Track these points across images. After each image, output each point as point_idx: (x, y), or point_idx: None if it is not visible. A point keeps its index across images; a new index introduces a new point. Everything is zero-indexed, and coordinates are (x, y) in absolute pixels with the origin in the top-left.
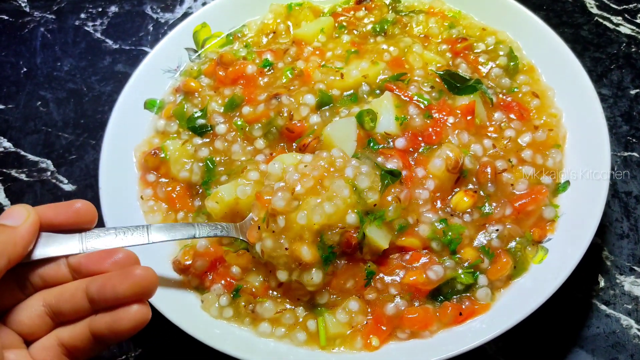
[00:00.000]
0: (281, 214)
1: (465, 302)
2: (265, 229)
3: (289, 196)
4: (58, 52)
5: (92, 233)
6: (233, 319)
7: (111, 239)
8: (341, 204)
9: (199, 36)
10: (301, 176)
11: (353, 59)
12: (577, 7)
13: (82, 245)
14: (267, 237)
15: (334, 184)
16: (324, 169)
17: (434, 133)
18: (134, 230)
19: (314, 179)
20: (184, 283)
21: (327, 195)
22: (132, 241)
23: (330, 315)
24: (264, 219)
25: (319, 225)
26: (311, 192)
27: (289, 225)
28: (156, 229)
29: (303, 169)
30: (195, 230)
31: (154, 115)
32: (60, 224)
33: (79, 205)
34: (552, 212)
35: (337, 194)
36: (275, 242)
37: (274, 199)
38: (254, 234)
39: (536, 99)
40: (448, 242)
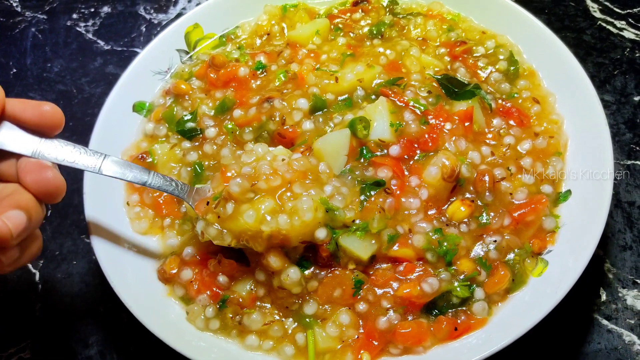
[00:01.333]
0: (232, 201)
1: (461, 317)
2: (212, 209)
3: (247, 186)
4: (48, 53)
5: (52, 142)
6: (219, 331)
7: (66, 151)
8: (298, 224)
9: (191, 37)
10: (272, 171)
11: (348, 62)
12: (579, 11)
13: (36, 148)
14: (210, 222)
15: (300, 201)
16: (300, 174)
17: (430, 140)
18: (91, 155)
19: (283, 179)
20: (168, 293)
21: (290, 208)
22: (83, 162)
23: (320, 328)
24: (215, 197)
25: (267, 234)
26: (272, 193)
27: (235, 216)
28: (111, 162)
29: (278, 164)
30: (148, 178)
31: (143, 118)
32: (25, 121)
33: (47, 108)
34: (553, 222)
35: (300, 211)
36: (218, 234)
37: (231, 182)
38: (201, 207)
39: (537, 104)
40: (444, 253)
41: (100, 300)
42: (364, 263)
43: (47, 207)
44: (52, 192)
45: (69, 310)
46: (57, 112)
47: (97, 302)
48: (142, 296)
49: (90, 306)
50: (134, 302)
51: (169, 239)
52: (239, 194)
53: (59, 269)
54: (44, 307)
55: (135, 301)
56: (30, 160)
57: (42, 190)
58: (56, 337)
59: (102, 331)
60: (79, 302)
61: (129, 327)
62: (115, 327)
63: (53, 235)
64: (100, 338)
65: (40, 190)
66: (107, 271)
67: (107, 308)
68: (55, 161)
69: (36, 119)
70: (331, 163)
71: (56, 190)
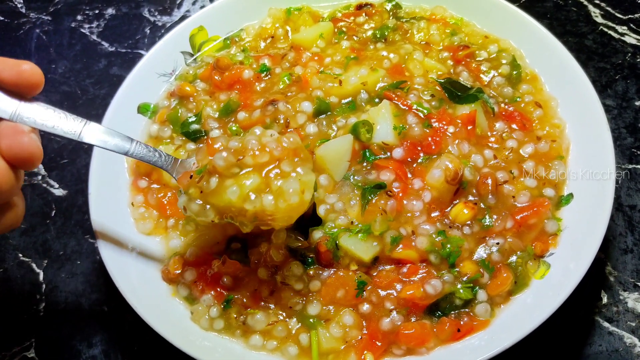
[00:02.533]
0: (216, 175)
1: (464, 318)
2: (194, 183)
3: (233, 161)
4: (53, 54)
5: (32, 105)
6: (224, 331)
7: (46, 115)
8: (283, 206)
9: (196, 40)
10: (260, 147)
11: (352, 66)
12: (581, 16)
13: (15, 110)
14: (193, 197)
15: (287, 182)
16: (289, 151)
17: (434, 143)
18: (73, 120)
19: (271, 156)
20: (173, 293)
21: (277, 188)
22: (63, 127)
23: (324, 329)
24: (199, 171)
25: (251, 213)
26: (259, 169)
27: (218, 191)
28: (93, 128)
29: (267, 139)
30: (130, 147)
31: (148, 120)
32: (3, 80)
33: (26, 67)
34: (555, 225)
35: (285, 194)
36: (201, 210)
37: (216, 155)
38: (184, 180)
39: (539, 109)
40: (447, 255)
41: (105, 300)
42: (366, 264)
43: (51, 207)
44: (26, 159)
45: (73, 310)
46: (36, 71)
47: (101, 302)
48: (147, 296)
49: (95, 306)
50: (138, 302)
51: (172, 239)
52: (224, 168)
53: (63, 269)
54: (48, 306)
55: (139, 301)
56: (7, 124)
57: (16, 156)
58: (60, 337)
59: (106, 331)
60: (83, 302)
61: (133, 326)
62: (119, 327)
63: (57, 235)
64: (105, 338)
65: (14, 156)
66: (112, 271)
67: (111, 308)
68: (34, 125)
69: (14, 78)
70: (333, 169)
71: (30, 156)
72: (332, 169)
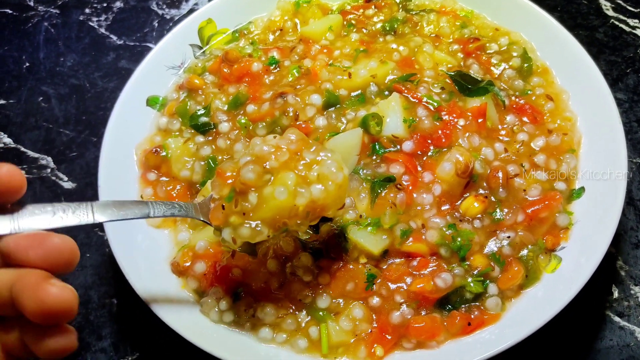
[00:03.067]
0: (252, 189)
1: (475, 312)
2: (232, 210)
3: (260, 169)
4: (61, 47)
5: (25, 210)
6: (233, 323)
7: (48, 217)
8: (332, 188)
9: (204, 32)
10: (274, 148)
11: (361, 58)
12: (592, 9)
13: (14, 224)
14: (238, 224)
15: (325, 165)
16: (301, 142)
17: (444, 136)
18: (75, 208)
19: (289, 151)
20: (182, 286)
21: (316, 176)
22: (74, 220)
23: (334, 322)
24: (228, 198)
25: (303, 208)
26: (287, 167)
27: (263, 202)
28: (102, 207)
29: (274, 141)
30: (149, 209)
31: (157, 113)
32: None
33: (3, 171)
34: (566, 219)
35: (330, 175)
36: (253, 231)
37: (243, 171)
38: (217, 215)
39: (550, 102)
40: (457, 248)
41: (114, 292)
42: (376, 257)
43: (60, 200)
44: (68, 259)
45: (82, 303)
46: (16, 173)
47: (111, 295)
48: (156, 289)
49: (104, 298)
50: (148, 294)
51: (181, 232)
52: (256, 180)
53: None
54: None
55: (149, 293)
56: (19, 235)
57: (56, 261)
58: None
59: (116, 323)
60: (92, 294)
61: (142, 319)
62: (128, 320)
63: (66, 228)
64: (114, 330)
65: (53, 262)
66: (122, 264)
67: (120, 300)
68: None
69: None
70: None
71: (71, 254)
72: None
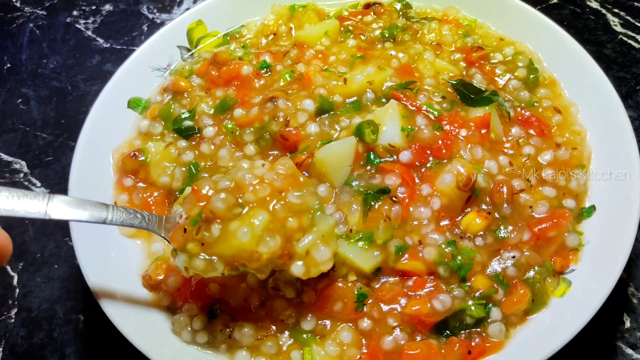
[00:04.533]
0: (218, 220)
1: (475, 339)
2: (192, 236)
3: (233, 200)
4: (45, 49)
5: None
6: (207, 345)
7: (1, 200)
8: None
9: (193, 34)
10: (257, 179)
11: (358, 65)
12: (599, 25)
13: None
14: (193, 253)
15: (317, 250)
16: (288, 179)
17: (444, 146)
18: (32, 198)
19: (272, 187)
20: (154, 302)
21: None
22: (25, 208)
23: (319, 346)
24: (193, 222)
25: (268, 255)
26: (263, 205)
27: (224, 238)
28: (60, 202)
29: (260, 171)
30: (107, 214)
31: (138, 115)
32: None
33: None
34: (576, 239)
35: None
36: (207, 265)
37: (213, 198)
38: (177, 237)
39: (558, 114)
40: (457, 267)
41: (81, 308)
42: (367, 275)
43: None
44: None
45: (46, 318)
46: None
47: (78, 310)
48: (125, 304)
49: (70, 314)
50: (115, 310)
51: (155, 242)
52: (225, 211)
53: (39, 273)
54: (20, 312)
55: (117, 309)
56: None
57: None
58: (31, 346)
59: (81, 341)
60: (58, 309)
61: (111, 338)
62: (95, 338)
63: (35, 237)
64: (79, 349)
65: None
66: (88, 276)
67: (87, 317)
68: None
69: None
70: (333, 174)
71: (3, 250)
72: (332, 173)
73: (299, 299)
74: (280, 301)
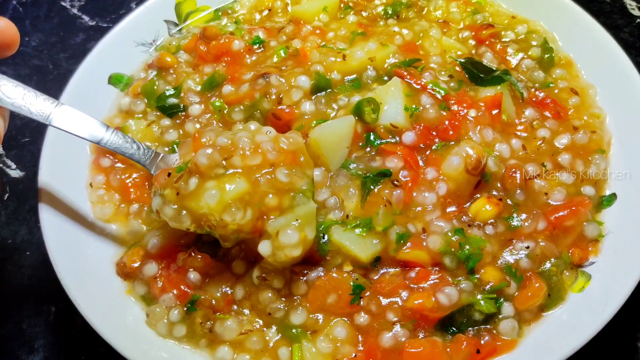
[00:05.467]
0: (197, 175)
1: (485, 337)
2: (171, 182)
3: (218, 159)
4: (28, 27)
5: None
6: (185, 339)
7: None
8: (282, 258)
9: (182, 8)
10: (253, 145)
11: (359, 41)
12: (616, 8)
13: None
14: (168, 199)
15: (284, 233)
16: (287, 155)
17: (451, 127)
18: (43, 100)
19: (264, 158)
20: (127, 291)
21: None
22: (32, 107)
23: (309, 342)
24: (179, 168)
25: (234, 226)
26: (248, 173)
27: (196, 194)
28: (65, 111)
29: (262, 138)
30: (104, 134)
31: (119, 92)
32: None
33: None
34: (596, 229)
35: (286, 247)
36: (175, 215)
37: (200, 151)
38: (161, 178)
39: (575, 96)
40: (465, 258)
41: (53, 298)
42: (365, 265)
43: (5, 189)
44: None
45: (15, 309)
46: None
47: (49, 301)
48: (97, 294)
49: (41, 305)
50: (85, 300)
51: (132, 227)
52: (207, 167)
53: (10, 260)
54: None
55: (87, 299)
56: None
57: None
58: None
59: (52, 334)
60: (28, 299)
61: (83, 331)
62: (66, 331)
63: (7, 221)
64: (48, 342)
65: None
66: (57, 261)
67: (59, 308)
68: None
69: None
70: (329, 157)
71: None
72: (327, 155)
73: (288, 290)
74: (268, 291)
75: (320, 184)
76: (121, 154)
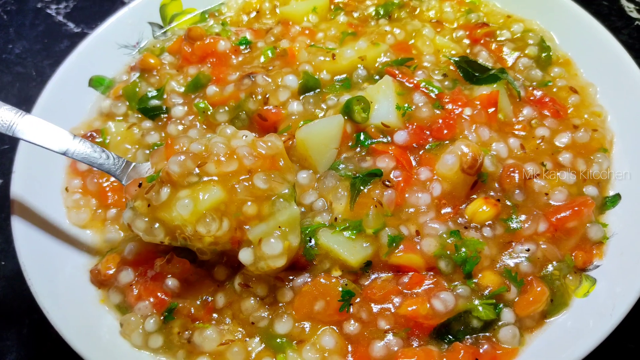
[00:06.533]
0: (169, 185)
1: (484, 345)
2: (142, 193)
3: (191, 167)
4: (12, 34)
5: None
6: (162, 350)
7: None
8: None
9: (167, 10)
10: (229, 152)
11: (349, 41)
12: (614, 11)
13: None
14: (139, 212)
15: (267, 243)
16: (265, 160)
17: (446, 126)
18: (6, 110)
19: (240, 164)
20: (102, 299)
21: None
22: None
23: (295, 353)
24: (150, 178)
25: (210, 239)
26: (224, 181)
27: (169, 205)
28: (30, 122)
29: (238, 142)
30: (70, 145)
31: (100, 95)
32: None
33: None
34: (600, 231)
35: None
36: (147, 228)
37: (171, 159)
38: (132, 190)
39: (575, 94)
40: (461, 261)
41: (27, 310)
42: (354, 270)
43: None
44: None
45: None
46: None
47: (23, 313)
48: (69, 302)
49: (14, 316)
50: (57, 308)
51: (109, 232)
52: (179, 176)
53: None
54: None
55: (58, 307)
56: None
57: None
58: None
59: (24, 347)
60: (1, 311)
61: (57, 344)
62: (40, 344)
63: None
64: (21, 356)
65: None
66: (29, 271)
67: (33, 320)
68: None
69: None
70: (317, 158)
71: None
72: (315, 157)
73: (273, 297)
74: (250, 300)
75: (307, 187)
76: (89, 165)
